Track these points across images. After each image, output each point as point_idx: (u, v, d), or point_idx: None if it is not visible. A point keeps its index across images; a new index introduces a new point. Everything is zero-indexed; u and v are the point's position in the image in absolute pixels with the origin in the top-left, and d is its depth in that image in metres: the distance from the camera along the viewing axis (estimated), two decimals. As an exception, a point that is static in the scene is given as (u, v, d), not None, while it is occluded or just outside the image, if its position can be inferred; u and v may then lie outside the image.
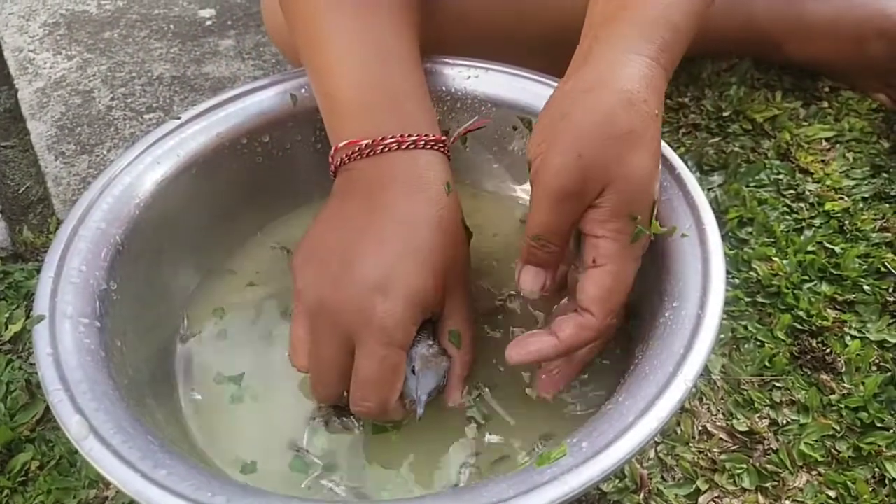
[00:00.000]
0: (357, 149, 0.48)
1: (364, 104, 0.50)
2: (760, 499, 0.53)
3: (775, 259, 0.66)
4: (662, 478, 0.54)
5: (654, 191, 0.45)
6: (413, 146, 0.48)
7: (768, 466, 0.54)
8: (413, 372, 0.45)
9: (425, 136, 0.49)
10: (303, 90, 0.58)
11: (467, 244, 0.49)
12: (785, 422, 0.56)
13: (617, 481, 0.53)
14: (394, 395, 0.45)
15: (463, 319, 0.48)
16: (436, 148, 0.49)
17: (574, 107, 0.44)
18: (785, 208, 0.70)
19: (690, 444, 0.55)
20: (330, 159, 0.51)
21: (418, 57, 0.54)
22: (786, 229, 0.68)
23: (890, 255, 0.66)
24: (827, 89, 0.82)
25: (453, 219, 0.48)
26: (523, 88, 0.59)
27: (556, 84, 0.58)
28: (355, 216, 0.47)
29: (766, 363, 0.59)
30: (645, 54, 0.45)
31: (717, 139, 0.77)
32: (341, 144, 0.49)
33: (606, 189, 0.43)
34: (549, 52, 0.54)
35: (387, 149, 0.48)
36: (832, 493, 0.53)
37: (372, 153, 0.48)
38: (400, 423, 0.48)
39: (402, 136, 0.48)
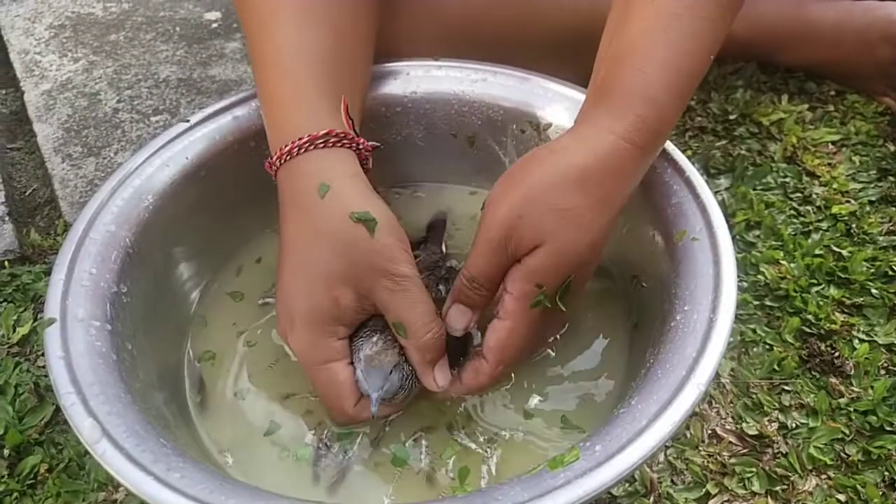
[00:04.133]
0: (267, 169, 0.50)
1: (267, 122, 0.51)
2: (770, 502, 0.53)
3: (783, 262, 0.66)
4: (672, 481, 0.54)
5: (572, 270, 0.46)
6: (288, 157, 0.48)
7: (778, 470, 0.54)
8: (362, 372, 0.47)
9: (298, 140, 0.47)
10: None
11: (370, 236, 0.45)
12: (794, 425, 0.56)
13: (627, 485, 0.53)
14: (345, 403, 0.47)
15: (399, 308, 0.46)
16: (314, 147, 0.47)
17: (533, 169, 0.46)
18: (792, 211, 0.70)
19: (700, 448, 0.55)
20: None
21: (333, 58, 0.52)
22: (793, 232, 0.68)
23: (897, 259, 0.66)
24: (833, 93, 0.82)
25: (333, 223, 0.46)
26: (531, 91, 0.59)
27: (565, 88, 0.59)
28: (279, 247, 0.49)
29: (775, 366, 0.59)
30: (615, 132, 0.45)
31: (723, 142, 0.77)
32: (265, 168, 0.51)
33: (531, 252, 0.45)
34: (560, 54, 0.54)
35: (275, 167, 0.49)
36: (842, 497, 0.53)
37: (274, 172, 0.49)
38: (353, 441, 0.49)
39: (280, 149, 0.48)
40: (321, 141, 0.48)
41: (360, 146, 0.50)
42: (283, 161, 0.48)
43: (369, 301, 0.46)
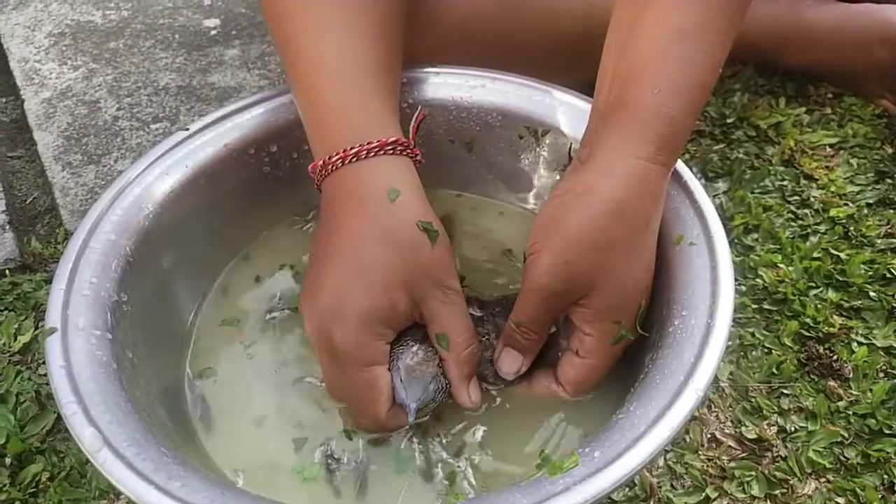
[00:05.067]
0: (318, 171, 0.50)
1: (318, 124, 0.51)
2: (770, 506, 0.53)
3: (781, 266, 0.66)
4: (672, 486, 0.54)
5: (641, 298, 0.47)
6: (355, 159, 0.48)
7: (777, 474, 0.54)
8: (401, 381, 0.47)
9: (367, 144, 0.48)
10: (310, 101, 0.58)
11: (431, 245, 0.47)
12: (793, 429, 0.56)
13: (627, 490, 0.53)
14: (379, 408, 0.47)
15: (447, 320, 0.47)
16: (384, 153, 0.49)
17: (567, 212, 0.46)
18: (790, 215, 0.71)
19: (699, 452, 0.55)
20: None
21: (381, 65, 0.53)
22: (791, 236, 0.69)
23: (895, 262, 0.66)
24: (830, 95, 0.82)
25: (402, 227, 0.47)
26: (530, 98, 0.60)
27: (563, 94, 0.59)
28: (318, 244, 0.49)
29: (774, 370, 0.59)
30: (641, 156, 0.46)
31: (721, 146, 0.77)
32: (309, 168, 0.51)
33: (591, 293, 0.46)
34: (557, 60, 0.54)
35: (334, 167, 0.49)
36: (841, 500, 0.53)
37: (326, 173, 0.49)
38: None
39: (344, 150, 0.48)
40: (390, 147, 0.49)
41: (417, 157, 0.51)
42: (346, 162, 0.48)
43: (418, 309, 0.47)
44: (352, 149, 0.48)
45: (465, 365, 0.48)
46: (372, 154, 0.48)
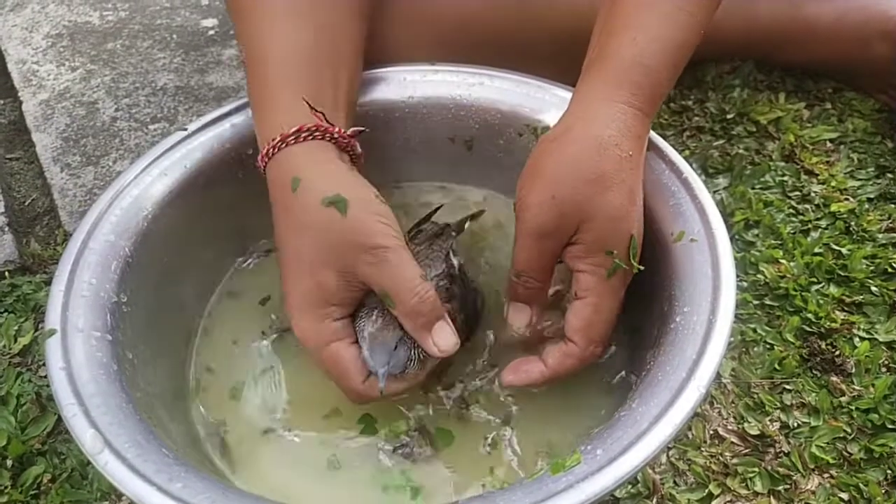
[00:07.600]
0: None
1: (254, 124, 0.53)
2: (773, 502, 0.53)
3: (782, 261, 0.66)
4: (675, 482, 0.54)
5: (630, 227, 0.47)
6: (268, 158, 0.49)
7: (780, 469, 0.54)
8: (367, 350, 0.47)
9: (272, 140, 0.49)
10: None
11: (342, 216, 0.46)
12: (796, 424, 0.56)
13: (630, 487, 0.53)
14: (352, 381, 0.47)
15: (382, 278, 0.46)
16: (286, 145, 0.49)
17: (550, 152, 0.48)
18: (791, 210, 0.70)
19: (702, 449, 0.55)
20: None
21: (322, 58, 0.53)
22: (792, 231, 0.68)
23: (897, 256, 0.66)
24: (830, 90, 0.82)
25: (308, 211, 0.47)
26: (528, 95, 0.59)
27: (562, 91, 0.59)
28: None
29: (776, 366, 0.59)
30: (617, 100, 0.48)
31: (721, 142, 0.77)
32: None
33: (581, 227, 0.46)
34: (558, 59, 0.54)
35: (264, 168, 0.50)
36: (844, 496, 0.53)
37: (262, 173, 0.51)
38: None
39: (261, 151, 0.50)
40: (292, 138, 0.49)
41: (336, 135, 0.50)
42: (264, 162, 0.50)
43: (357, 279, 0.47)
44: (264, 149, 0.50)
45: (418, 315, 0.46)
46: (276, 150, 0.49)
